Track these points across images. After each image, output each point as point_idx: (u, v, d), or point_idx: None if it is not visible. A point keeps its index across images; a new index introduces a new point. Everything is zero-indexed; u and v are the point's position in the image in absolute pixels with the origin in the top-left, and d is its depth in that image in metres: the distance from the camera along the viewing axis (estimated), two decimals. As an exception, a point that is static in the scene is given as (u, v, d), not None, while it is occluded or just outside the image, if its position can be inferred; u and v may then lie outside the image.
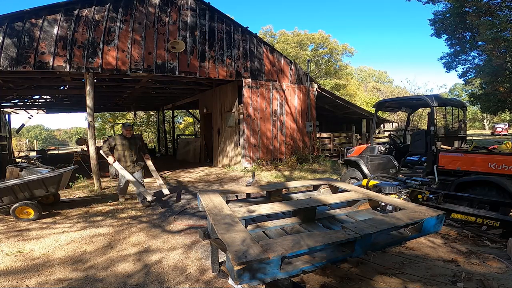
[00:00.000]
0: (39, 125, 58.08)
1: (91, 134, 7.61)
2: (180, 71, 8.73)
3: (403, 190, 3.72)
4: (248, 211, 2.24)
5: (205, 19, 9.30)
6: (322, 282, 2.54)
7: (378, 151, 6.00)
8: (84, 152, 10.81)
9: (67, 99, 13.81)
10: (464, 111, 5.88)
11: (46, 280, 2.89)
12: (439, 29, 18.10)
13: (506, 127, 27.84)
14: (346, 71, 32.56)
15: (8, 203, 4.84)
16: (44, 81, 9.44)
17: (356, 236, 1.71)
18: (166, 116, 22.57)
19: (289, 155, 10.78)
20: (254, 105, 10.23)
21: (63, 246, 3.77)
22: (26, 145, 25.91)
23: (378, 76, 50.42)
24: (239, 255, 1.42)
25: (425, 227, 2.04)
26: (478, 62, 18.18)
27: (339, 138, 14.42)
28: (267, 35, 29.41)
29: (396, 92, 35.73)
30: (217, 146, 11.71)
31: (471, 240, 3.43)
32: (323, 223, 2.50)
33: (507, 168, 3.94)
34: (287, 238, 1.70)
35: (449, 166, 4.58)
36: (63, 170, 5.46)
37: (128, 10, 8.05)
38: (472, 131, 34.82)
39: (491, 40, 13.34)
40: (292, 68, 11.09)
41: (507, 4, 14.77)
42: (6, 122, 13.83)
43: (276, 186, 2.99)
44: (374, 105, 6.91)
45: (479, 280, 2.43)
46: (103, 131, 26.69)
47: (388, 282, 2.48)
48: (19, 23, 6.84)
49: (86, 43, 7.47)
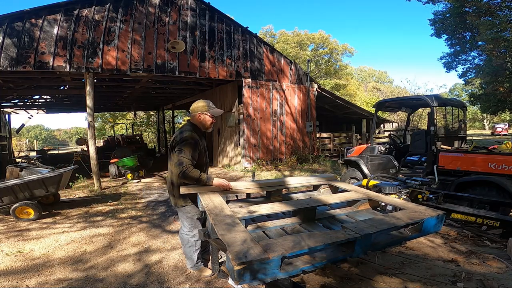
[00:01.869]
0: (39, 125, 58.13)
1: (91, 134, 7.61)
2: (180, 71, 8.73)
3: (403, 190, 3.72)
4: (248, 212, 2.24)
5: (205, 19, 9.30)
6: (322, 282, 2.54)
7: (378, 151, 6.00)
8: (84, 152, 10.82)
9: (67, 99, 13.82)
10: (464, 111, 5.88)
11: (46, 280, 2.89)
12: (439, 29, 18.11)
13: (506, 127, 27.86)
14: (346, 71, 32.58)
15: (8, 203, 4.84)
16: (44, 81, 9.44)
17: (356, 236, 1.70)
18: (166, 116, 22.59)
19: (289, 155, 10.78)
20: (254, 105, 10.23)
21: (63, 246, 3.77)
22: (26, 145, 25.92)
23: (378, 76, 50.42)
24: (239, 255, 1.42)
25: (425, 227, 2.03)
26: (478, 62, 18.21)
27: (339, 138, 14.42)
28: (267, 35, 29.42)
29: (396, 92, 35.73)
30: (217, 146, 11.71)
31: (471, 240, 3.43)
32: (323, 223, 2.50)
33: (507, 168, 3.94)
34: (287, 238, 1.70)
35: (449, 166, 4.58)
36: (63, 170, 5.46)
37: (128, 10, 8.05)
38: (472, 131, 34.82)
39: (491, 40, 13.34)
40: (292, 68, 11.09)
41: (507, 4, 14.77)
42: (6, 122, 13.83)
43: (275, 183, 3.00)
44: (374, 105, 6.91)
45: (479, 280, 2.43)
46: (103, 131, 26.70)
47: (388, 282, 2.48)
48: (19, 23, 6.84)
49: (86, 43, 7.47)
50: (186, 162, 2.47)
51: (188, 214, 2.71)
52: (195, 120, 2.76)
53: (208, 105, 2.74)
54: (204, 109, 2.72)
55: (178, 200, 2.68)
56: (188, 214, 2.71)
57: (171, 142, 2.67)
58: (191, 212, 2.70)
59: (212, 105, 2.77)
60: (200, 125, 2.77)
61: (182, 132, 2.62)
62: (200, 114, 2.73)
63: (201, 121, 2.75)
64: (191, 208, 2.70)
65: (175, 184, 2.65)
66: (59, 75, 8.16)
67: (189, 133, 2.58)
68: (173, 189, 2.68)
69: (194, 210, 2.70)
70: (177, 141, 2.57)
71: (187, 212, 2.71)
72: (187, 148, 2.51)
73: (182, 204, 2.69)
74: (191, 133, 2.59)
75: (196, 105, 2.75)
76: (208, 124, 2.77)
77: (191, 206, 2.70)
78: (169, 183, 2.75)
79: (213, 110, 2.76)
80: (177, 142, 2.55)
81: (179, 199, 2.67)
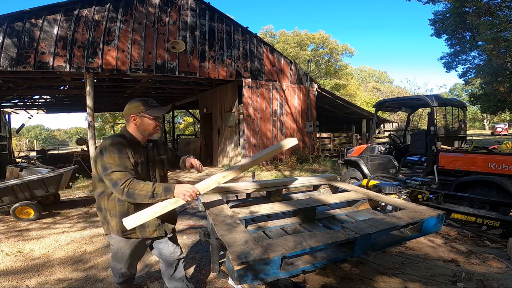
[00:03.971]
0: (39, 125, 58.18)
1: (91, 134, 7.61)
2: (180, 71, 8.74)
3: (403, 190, 3.72)
4: (249, 212, 2.24)
5: (205, 19, 9.30)
6: (322, 282, 2.54)
7: (378, 151, 6.00)
8: (84, 152, 10.82)
9: (67, 99, 13.82)
10: (464, 111, 5.88)
11: (46, 280, 2.89)
12: (439, 29, 18.10)
13: (506, 127, 27.84)
14: (346, 71, 32.58)
15: (8, 203, 4.84)
16: (44, 81, 9.44)
17: (356, 236, 1.70)
18: (166, 116, 22.55)
19: (289, 155, 10.78)
20: (254, 105, 10.23)
21: (63, 246, 3.77)
22: (26, 145, 25.90)
23: (378, 76, 50.41)
24: (240, 255, 1.42)
25: (425, 227, 2.03)
26: (478, 62, 18.20)
27: (339, 138, 14.42)
28: (267, 35, 29.42)
29: (396, 92, 35.72)
30: (217, 146, 11.72)
31: (471, 240, 3.43)
32: (323, 223, 2.50)
33: (507, 168, 3.94)
34: (287, 238, 1.70)
35: (449, 166, 4.58)
36: (63, 170, 5.46)
37: (128, 10, 8.05)
38: (472, 131, 34.81)
39: (491, 40, 13.34)
40: (292, 68, 11.09)
41: (507, 4, 14.77)
42: (6, 122, 13.84)
43: (275, 183, 3.00)
44: (374, 105, 6.91)
45: (479, 280, 2.43)
46: (103, 131, 26.68)
47: (388, 282, 2.48)
48: (19, 23, 6.84)
49: (86, 43, 7.47)
50: (121, 176, 1.74)
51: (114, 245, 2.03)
52: (130, 128, 1.96)
53: (146, 104, 1.94)
54: (139, 110, 1.92)
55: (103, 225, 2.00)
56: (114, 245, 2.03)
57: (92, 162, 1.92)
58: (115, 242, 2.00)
59: (152, 103, 1.97)
60: (138, 132, 1.95)
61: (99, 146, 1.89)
62: (135, 117, 1.92)
63: (138, 127, 1.94)
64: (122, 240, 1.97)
65: (104, 209, 1.94)
66: (59, 75, 8.16)
67: (107, 141, 1.87)
68: (105, 215, 1.95)
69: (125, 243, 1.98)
70: (94, 158, 1.85)
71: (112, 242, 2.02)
72: (110, 158, 1.76)
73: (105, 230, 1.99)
74: (110, 140, 1.86)
75: (128, 106, 1.96)
76: (151, 128, 1.96)
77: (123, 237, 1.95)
78: (97, 208, 2.00)
79: (153, 110, 1.95)
80: (94, 160, 1.84)
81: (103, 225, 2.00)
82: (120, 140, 1.87)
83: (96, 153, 1.84)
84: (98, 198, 1.94)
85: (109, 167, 1.75)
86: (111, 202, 1.89)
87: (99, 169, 1.80)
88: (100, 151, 1.81)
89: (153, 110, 1.96)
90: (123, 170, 1.76)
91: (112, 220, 1.91)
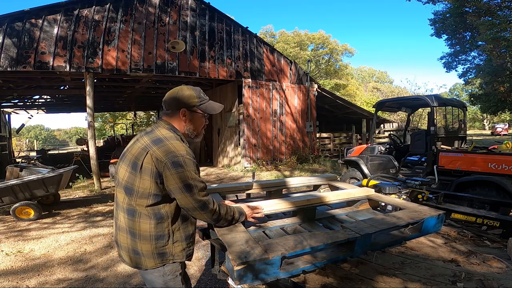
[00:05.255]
0: (39, 125, 58.16)
1: (91, 134, 7.61)
2: (180, 71, 8.74)
3: (403, 190, 3.72)
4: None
5: (205, 19, 9.31)
6: (322, 282, 2.54)
7: (378, 151, 6.00)
8: (84, 152, 10.82)
9: (67, 99, 13.82)
10: (464, 111, 5.89)
11: (46, 280, 2.89)
12: (439, 29, 18.12)
13: (506, 127, 27.87)
14: (346, 71, 32.61)
15: (8, 203, 4.84)
16: (44, 81, 9.45)
17: (356, 236, 1.70)
18: (166, 116, 22.56)
19: (289, 155, 10.78)
20: (254, 105, 10.23)
21: (63, 246, 3.77)
22: (26, 145, 25.90)
23: (378, 76, 50.43)
24: (240, 255, 1.42)
25: (425, 227, 2.03)
26: (478, 62, 18.22)
27: (339, 138, 14.42)
28: (267, 35, 29.44)
29: (396, 92, 35.74)
30: (217, 146, 11.72)
31: (471, 240, 3.43)
32: (323, 223, 2.50)
33: (507, 168, 3.94)
34: (287, 238, 1.70)
35: (449, 166, 4.58)
36: (63, 170, 5.46)
37: (128, 10, 8.05)
38: (472, 131, 34.82)
39: (491, 40, 13.35)
40: (292, 68, 11.09)
41: (507, 4, 14.78)
42: (6, 122, 13.84)
43: (275, 183, 2.99)
44: (374, 105, 6.91)
45: (479, 280, 2.43)
46: (103, 131, 26.68)
47: (388, 282, 2.48)
48: (19, 23, 6.84)
49: (86, 43, 7.48)
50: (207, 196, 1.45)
51: (168, 276, 1.47)
52: (178, 125, 1.50)
53: (199, 95, 1.51)
54: (192, 103, 1.48)
55: (150, 259, 1.42)
56: (168, 276, 1.47)
57: (133, 161, 1.40)
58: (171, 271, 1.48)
59: (203, 95, 1.54)
60: (186, 132, 1.52)
61: (162, 143, 1.36)
62: (186, 111, 1.48)
63: (186, 125, 1.51)
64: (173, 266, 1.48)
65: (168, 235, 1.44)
66: (59, 75, 8.16)
67: (178, 144, 1.38)
68: (140, 243, 1.41)
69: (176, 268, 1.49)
70: (164, 162, 1.32)
71: (166, 273, 1.47)
72: (192, 172, 1.38)
73: (158, 263, 1.43)
74: (182, 145, 1.39)
75: (177, 96, 1.48)
76: (200, 128, 1.57)
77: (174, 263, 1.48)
78: (127, 233, 1.44)
79: (208, 105, 1.54)
80: (165, 165, 1.32)
81: (153, 257, 1.42)
82: (190, 151, 1.42)
83: (166, 162, 1.32)
84: (154, 222, 1.40)
85: (194, 184, 1.36)
86: (176, 225, 1.46)
87: (171, 185, 1.34)
88: (177, 162, 1.33)
89: (208, 104, 1.55)
90: (205, 186, 1.44)
91: (177, 247, 1.46)
